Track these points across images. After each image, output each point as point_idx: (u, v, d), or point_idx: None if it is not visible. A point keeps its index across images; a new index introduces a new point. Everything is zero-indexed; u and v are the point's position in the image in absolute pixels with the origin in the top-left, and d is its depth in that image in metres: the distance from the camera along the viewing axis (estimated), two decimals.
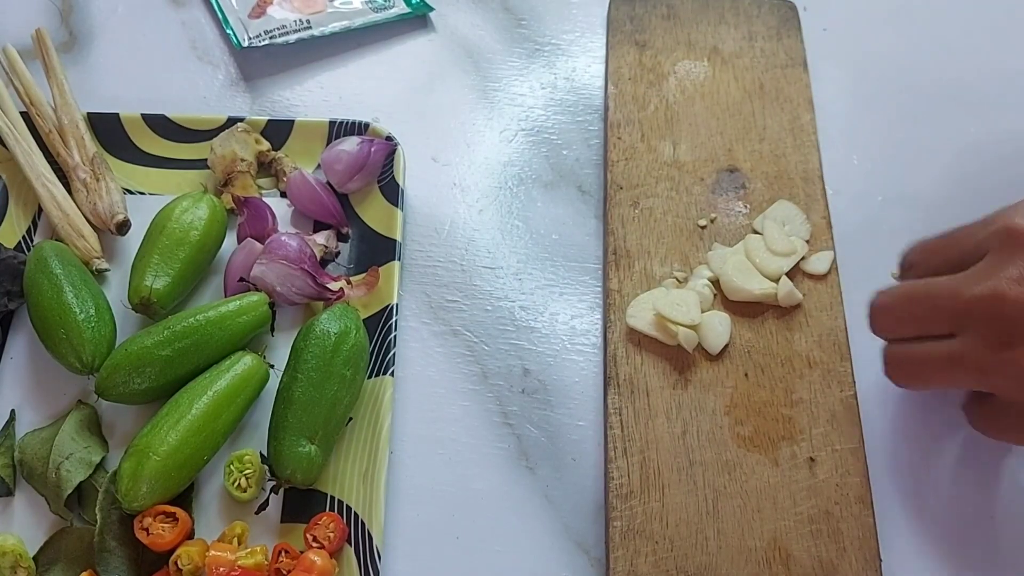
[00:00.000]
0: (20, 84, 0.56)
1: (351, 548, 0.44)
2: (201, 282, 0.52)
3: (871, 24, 0.66)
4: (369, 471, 0.45)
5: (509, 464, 0.48)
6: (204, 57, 0.63)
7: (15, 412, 0.48)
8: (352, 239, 0.54)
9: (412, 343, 0.51)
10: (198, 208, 0.51)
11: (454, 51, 0.64)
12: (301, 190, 0.54)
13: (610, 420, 0.47)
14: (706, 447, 0.46)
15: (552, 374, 0.50)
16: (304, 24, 0.63)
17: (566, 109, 0.61)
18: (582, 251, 0.55)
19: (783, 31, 0.62)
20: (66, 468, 0.45)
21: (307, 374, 0.45)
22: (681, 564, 0.43)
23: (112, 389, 0.45)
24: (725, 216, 0.54)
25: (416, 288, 0.53)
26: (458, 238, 0.55)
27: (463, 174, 0.58)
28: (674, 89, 0.59)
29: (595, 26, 0.65)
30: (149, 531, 0.42)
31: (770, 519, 0.44)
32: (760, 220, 0.53)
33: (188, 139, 0.56)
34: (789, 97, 0.59)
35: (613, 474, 0.45)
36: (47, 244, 0.50)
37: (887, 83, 0.62)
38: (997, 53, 0.64)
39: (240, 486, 0.45)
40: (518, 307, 0.53)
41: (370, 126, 0.56)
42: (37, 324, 0.48)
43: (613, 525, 0.44)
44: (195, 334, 0.46)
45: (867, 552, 0.43)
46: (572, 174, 0.58)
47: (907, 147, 0.59)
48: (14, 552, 0.43)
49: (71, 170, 0.53)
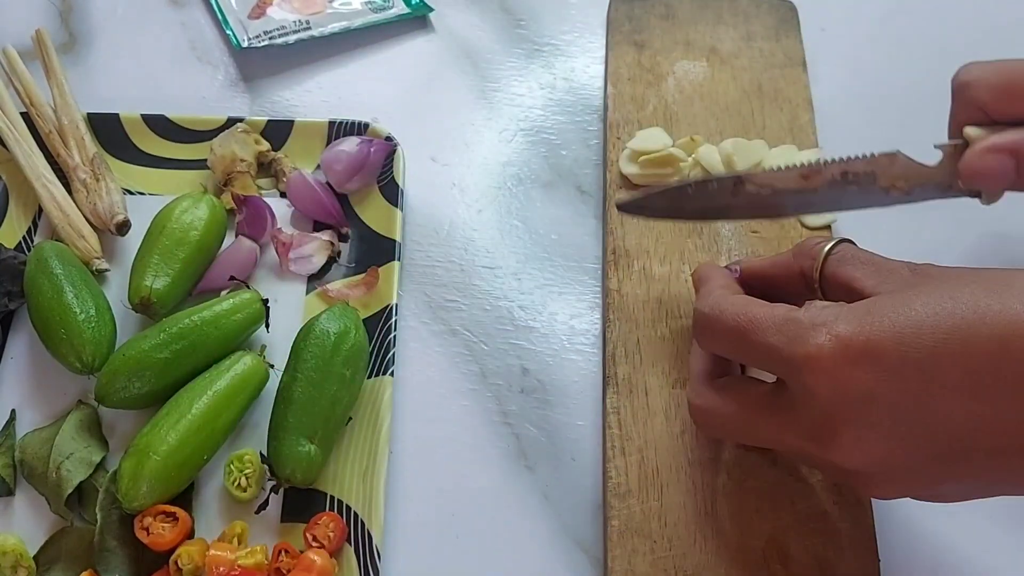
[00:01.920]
0: (20, 85, 0.56)
1: (351, 547, 0.44)
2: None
3: (870, 24, 0.66)
4: (369, 471, 0.45)
5: (508, 463, 0.48)
6: (204, 58, 0.63)
7: (15, 412, 0.48)
8: (352, 239, 0.54)
9: (411, 343, 0.51)
10: (198, 208, 0.51)
11: (453, 51, 0.64)
12: (301, 190, 0.54)
13: (608, 419, 0.47)
14: (704, 446, 0.46)
15: (551, 373, 0.51)
16: (303, 25, 0.63)
17: (565, 109, 0.61)
18: (581, 251, 0.55)
19: (781, 31, 0.62)
20: (66, 468, 0.45)
21: (307, 374, 0.45)
22: (679, 563, 0.43)
23: (112, 395, 0.46)
24: None
25: (415, 288, 0.53)
26: (457, 238, 0.55)
27: (462, 174, 0.58)
28: (673, 89, 0.59)
29: (594, 26, 0.65)
30: (149, 531, 0.43)
31: (768, 518, 0.44)
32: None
33: (188, 139, 0.56)
34: (788, 97, 0.59)
35: (611, 473, 0.45)
36: (47, 244, 0.50)
37: (886, 83, 0.62)
38: (996, 53, 0.64)
39: (240, 486, 0.45)
40: (517, 307, 0.53)
41: (369, 126, 0.56)
42: (37, 324, 0.48)
43: (611, 524, 0.44)
44: (191, 335, 0.46)
45: (865, 552, 0.43)
46: (571, 174, 0.58)
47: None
48: (14, 552, 0.43)
49: (71, 170, 0.54)
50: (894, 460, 0.34)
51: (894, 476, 0.35)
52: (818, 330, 0.34)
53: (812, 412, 0.35)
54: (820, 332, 0.34)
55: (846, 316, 0.34)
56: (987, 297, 0.32)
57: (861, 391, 0.33)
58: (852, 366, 0.33)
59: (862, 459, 0.34)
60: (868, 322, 0.33)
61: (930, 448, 0.33)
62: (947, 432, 0.33)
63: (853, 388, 0.33)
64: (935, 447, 0.33)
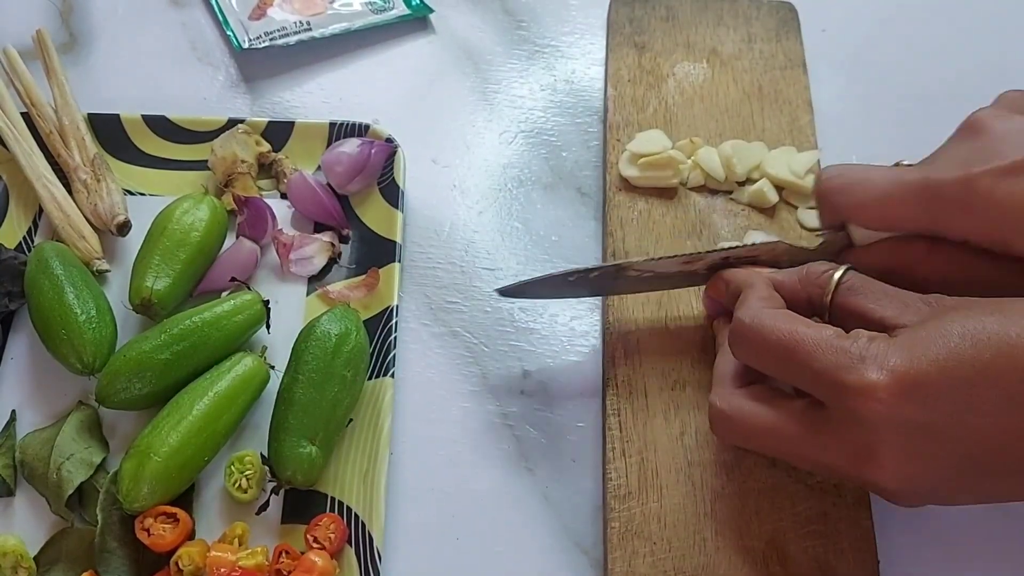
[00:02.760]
0: (21, 85, 0.56)
1: (351, 549, 0.44)
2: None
3: (870, 25, 0.66)
4: (369, 472, 0.45)
5: (509, 465, 0.48)
6: (204, 58, 0.63)
7: (16, 412, 0.48)
8: (352, 241, 0.54)
9: (412, 344, 0.51)
10: (199, 209, 0.51)
11: (454, 53, 0.64)
12: (301, 191, 0.54)
13: (608, 421, 0.47)
14: (704, 448, 0.46)
15: (551, 375, 0.51)
16: (304, 26, 0.63)
17: (565, 111, 0.61)
18: (581, 253, 0.55)
19: (782, 33, 0.62)
20: (67, 468, 0.45)
21: (308, 375, 0.45)
22: (679, 565, 0.43)
23: (113, 396, 0.46)
24: (723, 217, 0.54)
25: (416, 290, 0.53)
26: (458, 240, 0.55)
27: (463, 176, 0.58)
28: (673, 91, 0.60)
29: (595, 28, 0.65)
30: (150, 532, 0.43)
31: (768, 520, 0.44)
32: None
33: (188, 140, 0.56)
34: (788, 99, 0.59)
35: (611, 475, 0.46)
36: (48, 245, 0.50)
37: (886, 84, 0.62)
38: (996, 53, 0.64)
39: (241, 487, 0.45)
40: (518, 308, 0.53)
41: (370, 128, 0.56)
42: (38, 325, 0.48)
43: (611, 526, 0.44)
44: (192, 336, 0.46)
45: (865, 553, 0.44)
46: (571, 176, 0.58)
47: (906, 148, 0.59)
48: (15, 552, 0.43)
49: (72, 171, 0.54)
50: (928, 476, 0.36)
51: (924, 490, 0.37)
52: (869, 363, 0.36)
53: (854, 435, 0.36)
54: (871, 366, 0.35)
55: (895, 351, 0.36)
56: (1013, 326, 0.35)
57: (908, 421, 0.35)
58: (903, 399, 0.35)
59: (898, 479, 0.36)
60: (915, 356, 0.35)
61: (964, 465, 0.36)
62: (982, 448, 0.35)
63: (901, 418, 0.35)
64: (968, 463, 0.36)
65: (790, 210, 0.54)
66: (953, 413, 0.35)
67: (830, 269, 0.42)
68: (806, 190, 0.54)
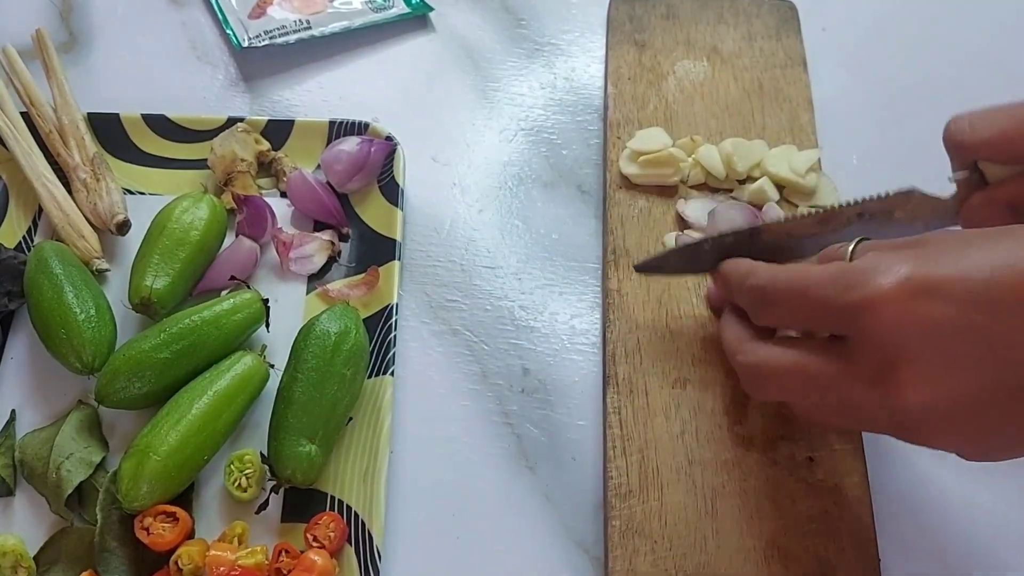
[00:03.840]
0: (20, 84, 0.56)
1: (351, 548, 0.44)
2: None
3: (870, 24, 0.66)
4: (369, 471, 0.45)
5: (509, 463, 0.48)
6: (204, 57, 0.63)
7: (15, 412, 0.48)
8: (352, 239, 0.54)
9: (412, 343, 0.51)
10: (198, 208, 0.51)
11: (454, 51, 0.64)
12: (301, 190, 0.54)
13: (609, 419, 0.47)
14: (705, 446, 0.46)
15: (552, 373, 0.51)
16: (304, 24, 0.63)
17: (566, 109, 0.61)
18: (582, 251, 0.55)
19: (782, 31, 0.62)
20: (66, 468, 0.45)
21: (307, 374, 0.45)
22: (680, 563, 0.43)
23: (112, 395, 0.46)
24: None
25: (416, 288, 0.53)
26: (458, 238, 0.55)
27: (463, 174, 0.58)
28: (673, 89, 0.59)
29: (595, 26, 0.65)
30: (149, 531, 0.43)
31: (769, 518, 0.44)
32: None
33: (188, 139, 0.56)
34: (788, 97, 0.59)
35: (612, 473, 0.45)
36: (47, 244, 0.50)
37: (886, 82, 0.62)
38: (996, 53, 0.64)
39: (240, 486, 0.45)
40: (518, 307, 0.53)
41: (370, 126, 0.56)
42: (38, 324, 0.48)
43: (612, 524, 0.44)
44: (192, 335, 0.46)
45: (865, 551, 0.43)
46: (572, 174, 0.58)
47: (906, 146, 0.59)
48: (14, 552, 0.43)
49: (71, 170, 0.53)
50: (954, 397, 0.34)
51: (951, 419, 0.35)
52: (875, 273, 0.35)
53: (872, 355, 0.35)
54: (877, 274, 0.35)
55: (903, 258, 0.35)
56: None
57: (923, 322, 0.34)
58: (914, 299, 0.34)
59: (922, 397, 0.34)
60: (927, 261, 0.34)
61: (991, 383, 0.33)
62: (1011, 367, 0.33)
63: (915, 320, 0.34)
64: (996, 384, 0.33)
65: (790, 208, 0.54)
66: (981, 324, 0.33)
67: (843, 244, 0.41)
68: (806, 188, 0.54)
